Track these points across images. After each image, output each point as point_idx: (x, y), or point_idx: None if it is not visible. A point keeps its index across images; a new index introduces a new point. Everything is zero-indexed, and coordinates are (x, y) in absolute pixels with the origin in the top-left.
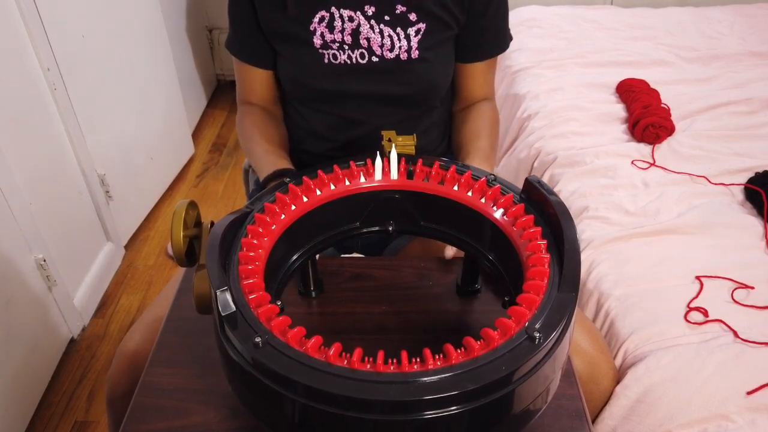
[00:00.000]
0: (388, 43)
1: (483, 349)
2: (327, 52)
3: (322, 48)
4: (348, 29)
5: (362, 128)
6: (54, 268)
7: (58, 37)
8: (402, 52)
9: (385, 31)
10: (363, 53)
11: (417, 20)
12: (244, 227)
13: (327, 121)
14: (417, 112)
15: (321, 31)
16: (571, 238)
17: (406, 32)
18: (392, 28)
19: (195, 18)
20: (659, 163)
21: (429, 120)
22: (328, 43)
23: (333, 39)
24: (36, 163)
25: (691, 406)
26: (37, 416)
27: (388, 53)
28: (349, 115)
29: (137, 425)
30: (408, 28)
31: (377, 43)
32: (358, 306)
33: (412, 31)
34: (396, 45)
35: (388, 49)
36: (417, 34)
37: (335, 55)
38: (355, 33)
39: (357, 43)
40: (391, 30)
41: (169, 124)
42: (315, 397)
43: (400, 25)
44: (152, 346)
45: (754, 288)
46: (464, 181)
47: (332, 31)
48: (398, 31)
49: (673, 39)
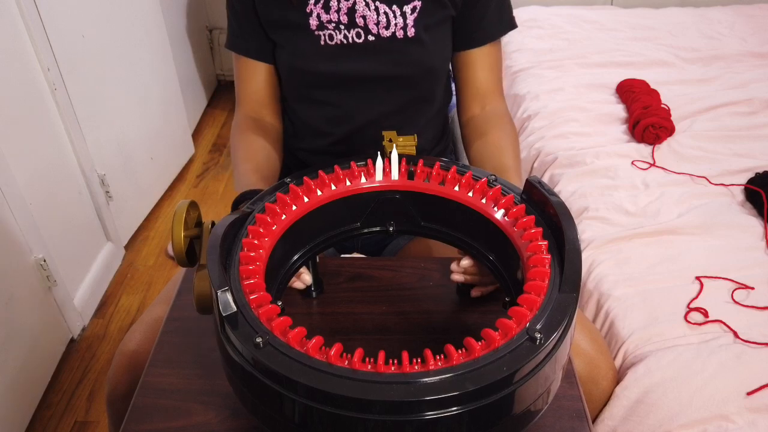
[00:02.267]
0: (384, 21)
1: (484, 350)
2: (323, 33)
3: (318, 29)
4: (344, 8)
5: (359, 119)
6: (54, 268)
7: (59, 37)
8: (398, 29)
9: (380, 8)
10: (359, 32)
11: None
12: (244, 227)
13: (324, 114)
14: (414, 100)
15: (317, 12)
16: (572, 238)
17: (402, 10)
18: (388, 5)
19: (195, 18)
20: (659, 164)
21: (426, 114)
22: (324, 24)
23: (329, 19)
24: (36, 163)
25: (691, 407)
26: (37, 416)
27: (384, 31)
28: (345, 103)
29: (137, 425)
30: (404, 6)
31: (373, 21)
32: (358, 306)
33: (408, 8)
34: (392, 22)
35: (384, 26)
36: (413, 12)
37: (331, 36)
38: (351, 12)
39: (353, 22)
40: (387, 7)
41: (169, 124)
42: (316, 397)
43: (395, 2)
44: (152, 346)
45: (754, 288)
46: (465, 181)
47: (328, 11)
48: (394, 8)
49: (673, 39)
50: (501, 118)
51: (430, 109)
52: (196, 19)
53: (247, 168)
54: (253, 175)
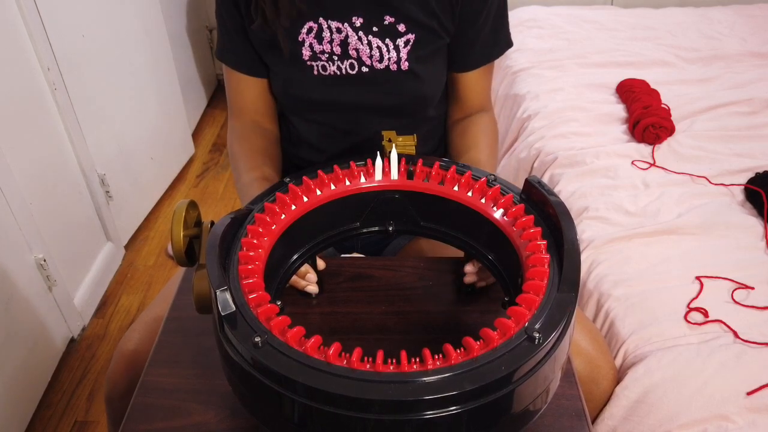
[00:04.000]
0: (377, 54)
1: (482, 349)
2: (316, 63)
3: (311, 59)
4: (336, 40)
5: (355, 138)
6: (54, 268)
7: (59, 36)
8: (392, 63)
9: (373, 42)
10: (353, 63)
11: (406, 31)
12: (244, 227)
13: (320, 131)
14: (409, 122)
15: (309, 42)
16: (571, 238)
17: (395, 43)
18: (381, 39)
19: (195, 18)
20: (659, 164)
21: (423, 129)
22: (317, 54)
23: (322, 50)
24: (36, 162)
25: (691, 407)
26: (37, 416)
27: (378, 64)
28: (340, 125)
29: (137, 425)
30: (397, 39)
31: (366, 54)
32: (357, 306)
33: (401, 41)
34: (385, 56)
35: (377, 59)
36: (406, 45)
37: (324, 67)
38: (344, 44)
39: (346, 54)
40: (380, 41)
41: (169, 123)
42: (314, 396)
43: (388, 36)
44: (152, 346)
45: (754, 288)
46: (464, 181)
47: (321, 42)
48: (387, 42)
49: (673, 39)
50: (482, 119)
51: (427, 124)
52: (196, 19)
53: (252, 177)
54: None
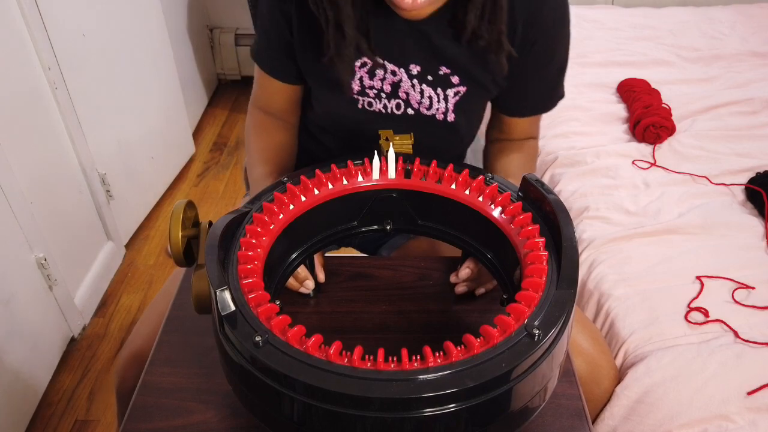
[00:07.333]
0: (427, 102)
1: (483, 347)
2: (363, 99)
3: (358, 94)
4: (389, 80)
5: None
6: (54, 267)
7: (59, 35)
8: (439, 113)
9: (425, 91)
10: (399, 104)
11: (459, 83)
12: (242, 227)
13: (343, 145)
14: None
15: (361, 75)
16: (569, 235)
17: (445, 93)
18: (433, 88)
19: (196, 17)
20: (660, 163)
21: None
22: (366, 90)
23: (371, 85)
24: (37, 162)
25: (691, 407)
26: (37, 416)
27: (426, 111)
28: (366, 144)
29: (137, 424)
30: (447, 89)
31: (415, 100)
32: (357, 305)
33: (451, 92)
34: (434, 105)
35: (426, 107)
36: (455, 96)
37: (371, 103)
38: (395, 85)
39: (395, 94)
40: (432, 90)
41: (169, 123)
42: (315, 395)
43: (440, 86)
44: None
45: (754, 288)
46: (462, 179)
47: (372, 78)
48: (438, 91)
49: (674, 39)
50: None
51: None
52: (197, 19)
53: (266, 172)
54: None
